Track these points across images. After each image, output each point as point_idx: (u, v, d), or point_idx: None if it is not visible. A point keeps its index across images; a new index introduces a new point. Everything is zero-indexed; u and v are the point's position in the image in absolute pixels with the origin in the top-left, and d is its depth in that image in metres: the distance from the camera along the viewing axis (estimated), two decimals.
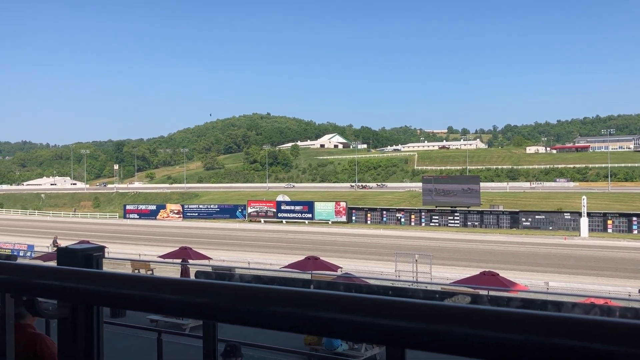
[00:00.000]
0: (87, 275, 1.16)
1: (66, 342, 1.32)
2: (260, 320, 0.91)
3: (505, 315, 0.73)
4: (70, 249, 1.36)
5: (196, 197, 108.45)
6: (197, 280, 1.02)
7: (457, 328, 0.74)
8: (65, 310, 1.27)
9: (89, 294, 1.15)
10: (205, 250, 32.93)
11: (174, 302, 1.02)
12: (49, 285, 1.18)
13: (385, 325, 0.80)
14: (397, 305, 0.80)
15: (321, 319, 0.85)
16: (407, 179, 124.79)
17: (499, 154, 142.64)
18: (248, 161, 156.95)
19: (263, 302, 0.91)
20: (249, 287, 0.95)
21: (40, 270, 1.22)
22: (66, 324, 1.30)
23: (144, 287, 1.06)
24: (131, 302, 1.09)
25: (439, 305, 0.78)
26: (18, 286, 1.23)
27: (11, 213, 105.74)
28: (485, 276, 19.29)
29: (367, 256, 43.38)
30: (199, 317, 1.08)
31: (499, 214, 66.48)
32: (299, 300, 0.88)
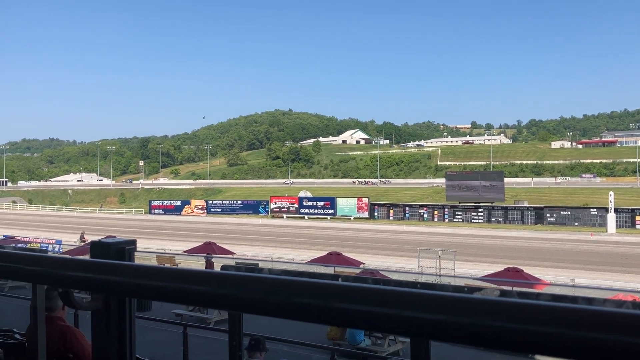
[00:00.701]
0: (119, 268, 1.18)
1: (99, 334, 1.35)
2: (285, 311, 0.92)
3: (532, 307, 0.72)
4: (103, 242, 1.39)
5: (220, 193, 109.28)
6: (227, 272, 1.03)
7: (483, 320, 0.74)
8: (98, 302, 1.31)
9: (122, 287, 1.16)
10: (228, 245, 33.21)
11: (204, 294, 1.03)
12: (84, 278, 1.20)
13: (411, 317, 0.80)
14: (423, 297, 0.81)
15: (346, 311, 0.86)
16: (430, 175, 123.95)
17: (524, 149, 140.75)
18: (270, 157, 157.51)
19: (288, 294, 0.92)
20: (276, 278, 0.96)
21: (75, 263, 1.23)
22: (99, 316, 1.34)
23: (174, 279, 1.07)
24: (162, 294, 1.10)
25: (465, 298, 0.78)
26: (54, 278, 1.26)
27: (40, 209, 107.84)
28: (510, 272, 19.12)
29: (389, 252, 43.26)
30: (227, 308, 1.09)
31: (523, 210, 65.67)
32: (324, 292, 0.89)
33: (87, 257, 1.44)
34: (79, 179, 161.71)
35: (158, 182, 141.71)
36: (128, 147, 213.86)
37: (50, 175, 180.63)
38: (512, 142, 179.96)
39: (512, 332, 0.72)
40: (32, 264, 1.32)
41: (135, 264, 1.21)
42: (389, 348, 13.91)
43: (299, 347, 11.41)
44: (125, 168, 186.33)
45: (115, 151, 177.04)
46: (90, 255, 1.40)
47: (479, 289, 1.64)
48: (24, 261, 1.31)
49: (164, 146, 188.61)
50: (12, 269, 1.38)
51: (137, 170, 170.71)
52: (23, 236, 45.99)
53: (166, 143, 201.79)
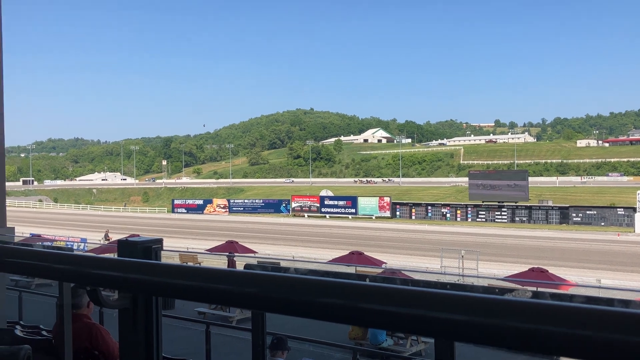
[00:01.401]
0: (147, 267, 1.19)
1: (126, 332, 1.36)
2: (308, 311, 0.93)
3: (561, 309, 0.71)
4: (130, 241, 1.40)
5: (241, 192, 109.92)
6: (252, 271, 1.03)
7: (509, 321, 0.73)
8: (125, 300, 1.31)
9: (149, 285, 1.17)
10: (250, 244, 33.37)
11: (229, 293, 1.04)
12: (112, 276, 1.21)
13: (436, 317, 0.80)
14: (448, 297, 0.80)
15: (370, 311, 0.86)
16: (453, 174, 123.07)
17: (548, 147, 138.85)
18: (292, 156, 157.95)
19: (312, 293, 0.92)
20: (300, 278, 0.96)
21: (103, 262, 1.23)
22: (127, 314, 1.34)
23: (201, 278, 1.07)
24: (189, 292, 1.11)
25: (491, 298, 0.77)
26: (82, 276, 1.27)
27: (65, 207, 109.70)
28: (534, 272, 18.85)
29: (411, 252, 43.04)
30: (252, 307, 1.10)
31: (548, 209, 64.78)
32: (348, 292, 0.89)
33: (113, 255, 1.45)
34: (103, 178, 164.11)
35: (181, 181, 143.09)
36: (151, 147, 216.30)
37: (75, 175, 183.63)
38: (536, 141, 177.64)
39: (539, 334, 0.71)
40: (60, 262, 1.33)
41: (162, 263, 1.19)
42: (411, 348, 13.82)
43: (321, 347, 11.41)
44: (149, 167, 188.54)
45: (138, 151, 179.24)
46: (118, 254, 1.40)
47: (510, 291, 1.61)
48: (53, 259, 1.32)
49: (187, 145, 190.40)
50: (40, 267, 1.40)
51: (160, 170, 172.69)
52: (49, 234, 46.83)
53: (189, 142, 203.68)
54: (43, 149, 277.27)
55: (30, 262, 1.42)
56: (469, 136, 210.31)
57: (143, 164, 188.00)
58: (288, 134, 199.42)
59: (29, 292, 16.10)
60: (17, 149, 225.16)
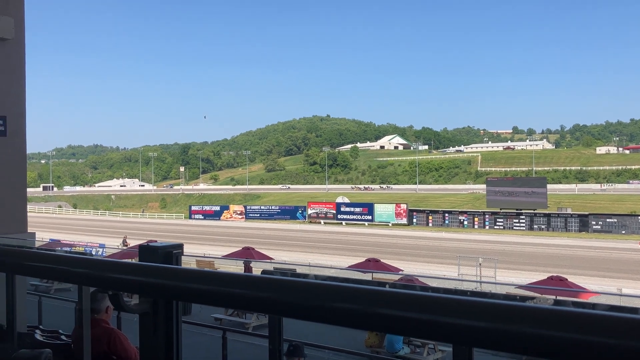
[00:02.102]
0: (168, 271, 1.20)
1: (147, 336, 1.37)
2: (331, 316, 0.93)
3: (582, 316, 0.71)
4: (151, 246, 1.41)
5: (258, 198, 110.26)
6: (272, 276, 1.03)
7: (531, 328, 0.73)
8: (146, 305, 1.32)
9: (170, 290, 1.18)
10: (266, 250, 33.40)
11: (249, 298, 1.04)
12: (133, 281, 1.22)
13: (454, 323, 0.80)
14: (467, 304, 0.80)
15: (388, 317, 0.86)
16: (470, 181, 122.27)
17: (567, 154, 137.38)
18: (308, 163, 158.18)
19: (332, 298, 0.92)
20: (319, 283, 0.97)
21: (124, 266, 1.24)
22: (147, 319, 1.35)
23: (221, 283, 1.08)
24: (209, 297, 1.12)
25: (509, 305, 0.77)
26: (104, 281, 1.28)
27: (84, 213, 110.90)
28: (554, 281, 18.60)
29: (428, 259, 42.77)
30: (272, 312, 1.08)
31: (567, 217, 63.99)
32: (366, 297, 0.89)
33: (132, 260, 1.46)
34: (121, 185, 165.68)
35: (198, 187, 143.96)
36: (169, 153, 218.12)
37: (94, 181, 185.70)
38: (555, 148, 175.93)
39: (559, 341, 0.70)
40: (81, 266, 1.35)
41: (183, 268, 1.20)
42: (428, 357, 13.71)
43: (338, 354, 11.37)
44: (167, 174, 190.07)
45: (156, 157, 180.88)
46: (139, 259, 1.41)
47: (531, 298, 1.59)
48: (74, 263, 1.33)
49: (204, 152, 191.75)
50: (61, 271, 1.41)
51: (178, 176, 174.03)
52: (68, 240, 47.34)
53: (206, 149, 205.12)
54: (63, 155, 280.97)
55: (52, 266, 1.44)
56: (486, 143, 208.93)
57: (161, 170, 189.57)
58: (304, 141, 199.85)
59: (48, 296, 16.27)
60: (38, 155, 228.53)
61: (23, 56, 6.30)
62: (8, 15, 5.96)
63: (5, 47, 6.05)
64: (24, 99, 6.35)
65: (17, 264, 1.66)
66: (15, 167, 6.23)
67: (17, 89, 6.22)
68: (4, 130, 6.02)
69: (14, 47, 6.13)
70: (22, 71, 6.29)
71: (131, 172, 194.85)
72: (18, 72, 6.23)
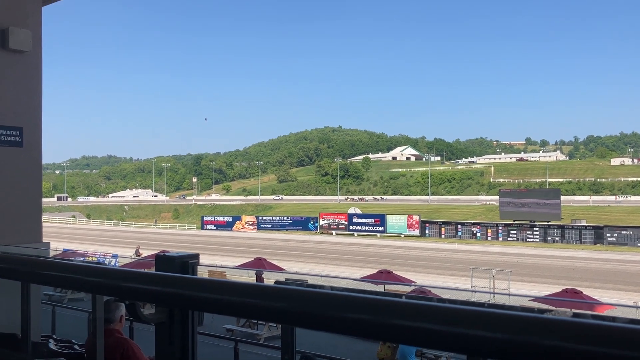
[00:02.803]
0: (185, 281, 1.20)
1: (163, 346, 1.37)
2: (340, 326, 0.94)
3: (599, 328, 0.70)
4: (168, 256, 1.42)
5: (270, 209, 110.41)
6: (289, 287, 1.04)
7: (547, 340, 0.72)
8: (162, 315, 1.33)
9: (186, 299, 1.18)
10: (278, 261, 33.38)
11: (264, 308, 1.05)
12: (150, 291, 1.22)
13: (467, 334, 0.80)
14: (482, 314, 0.80)
15: (400, 327, 0.86)
16: (483, 192, 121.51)
17: (581, 166, 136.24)
18: (320, 174, 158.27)
19: (343, 309, 0.93)
20: (337, 294, 0.97)
21: (142, 276, 1.25)
22: (163, 329, 1.36)
23: (236, 293, 1.09)
24: (225, 307, 1.13)
25: (523, 316, 0.77)
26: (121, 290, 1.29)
27: (97, 223, 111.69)
28: (568, 294, 18.38)
29: (441, 271, 42.50)
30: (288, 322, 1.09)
31: (581, 229, 63.35)
32: (379, 308, 0.90)
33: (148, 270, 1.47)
34: (134, 195, 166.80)
35: (210, 198, 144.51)
36: (182, 164, 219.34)
37: (107, 191, 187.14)
38: (568, 159, 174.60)
39: (575, 353, 0.70)
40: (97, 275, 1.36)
41: (200, 277, 1.21)
42: None
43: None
44: (179, 184, 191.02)
45: (169, 168, 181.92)
46: (156, 268, 1.43)
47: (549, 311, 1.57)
48: (92, 273, 1.35)
49: (217, 163, 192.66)
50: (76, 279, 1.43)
51: (191, 187, 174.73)
52: (81, 250, 47.66)
53: (218, 160, 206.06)
54: (77, 166, 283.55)
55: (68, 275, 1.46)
56: (499, 154, 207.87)
57: (174, 181, 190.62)
58: (316, 152, 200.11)
59: (61, 306, 16.37)
60: (53, 166, 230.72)
61: (40, 68, 6.40)
62: (26, 28, 6.07)
63: (23, 60, 6.15)
64: (40, 110, 6.44)
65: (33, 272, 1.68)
66: (31, 177, 6.30)
67: (33, 101, 6.31)
68: (20, 141, 6.11)
69: (31, 59, 6.23)
70: (38, 83, 6.39)
71: (144, 182, 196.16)
72: (35, 84, 6.33)
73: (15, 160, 6.07)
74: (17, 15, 6.09)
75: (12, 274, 1.86)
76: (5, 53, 5.98)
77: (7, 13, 6.02)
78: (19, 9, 6.15)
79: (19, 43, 5.99)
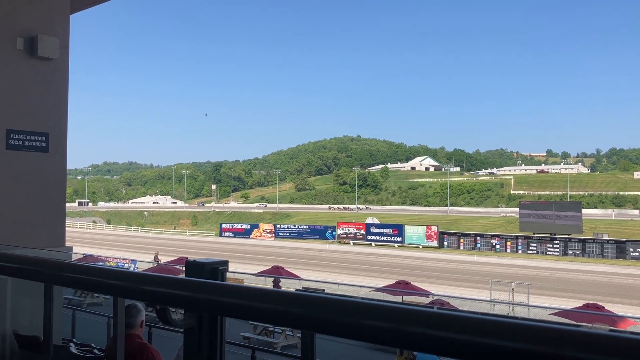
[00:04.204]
0: (214, 287, 1.22)
1: (191, 351, 1.39)
2: (358, 333, 0.95)
3: (625, 341, 0.70)
4: (197, 262, 1.44)
5: (288, 217, 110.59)
6: (314, 294, 1.06)
7: (565, 351, 0.73)
8: (192, 320, 1.34)
9: (215, 305, 1.20)
10: (295, 269, 33.39)
11: (294, 315, 1.07)
12: (180, 296, 1.24)
13: (485, 343, 0.80)
14: (502, 324, 0.80)
15: (421, 335, 0.87)
16: (503, 204, 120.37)
17: (603, 179, 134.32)
18: (338, 183, 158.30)
19: (362, 315, 0.95)
20: (362, 301, 0.99)
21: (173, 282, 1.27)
22: (192, 334, 1.37)
23: (265, 299, 1.11)
24: (253, 313, 1.15)
25: (545, 327, 0.77)
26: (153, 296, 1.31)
27: (117, 229, 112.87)
28: (590, 308, 18.09)
29: (459, 283, 42.10)
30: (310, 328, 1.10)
31: (603, 243, 62.33)
32: (396, 316, 0.91)
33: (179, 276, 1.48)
34: (154, 201, 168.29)
35: (229, 205, 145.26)
36: (201, 171, 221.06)
37: (128, 197, 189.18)
38: (590, 172, 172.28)
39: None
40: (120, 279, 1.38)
41: (230, 284, 1.22)
42: None
43: None
44: (198, 191, 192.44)
45: (189, 175, 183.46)
46: (185, 274, 1.44)
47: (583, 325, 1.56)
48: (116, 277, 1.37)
49: (235, 170, 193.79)
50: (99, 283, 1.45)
51: (210, 194, 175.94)
52: (101, 255, 48.18)
53: (237, 167, 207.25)
54: (99, 171, 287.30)
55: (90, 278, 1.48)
56: (519, 166, 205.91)
57: (193, 188, 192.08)
58: (335, 161, 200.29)
59: (81, 310, 16.54)
60: (75, 172, 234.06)
61: (66, 75, 6.52)
62: (55, 36, 6.19)
63: (51, 67, 6.27)
64: (66, 117, 6.56)
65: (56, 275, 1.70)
66: (56, 182, 6.40)
67: (59, 108, 6.42)
68: (46, 147, 6.21)
69: (59, 66, 6.35)
70: (65, 90, 6.50)
71: (164, 189, 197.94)
72: (61, 91, 6.44)
73: (41, 166, 6.18)
74: (45, 23, 6.22)
75: (37, 275, 1.88)
76: (34, 60, 6.10)
77: (36, 21, 6.15)
78: (48, 17, 6.28)
79: (47, 50, 6.12)
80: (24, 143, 6.02)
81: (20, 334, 4.66)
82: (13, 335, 4.70)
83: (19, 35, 6.00)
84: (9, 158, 5.90)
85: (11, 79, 5.99)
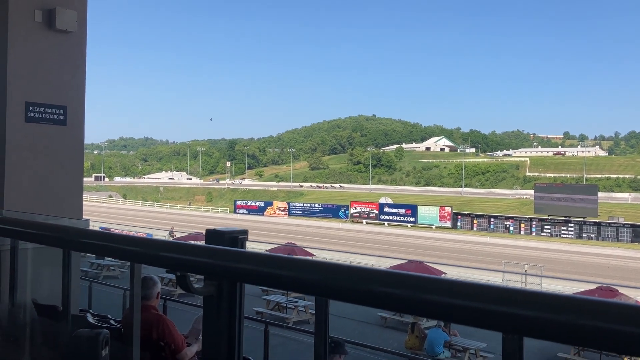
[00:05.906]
0: (234, 254, 1.23)
1: (211, 319, 1.40)
2: (374, 300, 0.98)
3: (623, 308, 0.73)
4: (218, 230, 1.45)
5: (301, 195, 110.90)
6: (330, 262, 1.09)
7: (579, 319, 0.74)
8: (211, 287, 1.36)
9: (235, 272, 1.22)
10: (308, 247, 33.53)
11: (307, 281, 1.10)
12: (201, 262, 1.25)
13: (505, 312, 0.82)
14: (518, 292, 0.83)
15: (436, 303, 0.89)
16: (518, 186, 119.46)
17: (621, 162, 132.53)
18: (352, 162, 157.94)
19: (375, 282, 0.97)
20: (373, 269, 1.03)
21: (194, 249, 1.28)
22: (211, 302, 1.38)
23: (283, 266, 1.13)
24: (272, 279, 1.18)
25: (562, 297, 0.79)
26: (174, 262, 1.32)
27: (133, 204, 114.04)
28: (603, 292, 18.00)
29: (472, 264, 42.06)
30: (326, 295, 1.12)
31: (618, 227, 61.79)
32: (413, 284, 0.93)
33: None
34: (170, 177, 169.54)
35: (243, 182, 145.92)
36: (217, 148, 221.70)
37: (143, 173, 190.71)
38: (608, 155, 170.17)
39: (603, 331, 0.72)
40: (140, 246, 1.39)
41: (247, 251, 1.24)
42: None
43: (378, 354, 11.35)
44: (213, 168, 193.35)
45: (204, 152, 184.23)
46: (206, 242, 1.45)
47: None
48: (149, 246, 1.38)
49: (250, 148, 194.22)
50: (119, 249, 1.47)
51: (224, 171, 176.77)
52: (117, 229, 48.79)
53: (252, 145, 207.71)
54: (115, 147, 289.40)
55: (110, 244, 1.50)
56: (535, 147, 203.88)
57: (208, 164, 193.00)
58: (349, 140, 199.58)
59: (98, 282, 16.82)
60: (91, 146, 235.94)
61: (84, 49, 6.53)
62: (73, 9, 6.19)
63: (69, 40, 6.28)
64: (84, 90, 6.58)
65: (75, 241, 1.72)
66: (74, 156, 6.46)
67: (77, 81, 6.45)
68: (64, 120, 6.26)
69: (76, 39, 6.36)
70: (82, 63, 6.52)
71: (179, 165, 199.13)
72: (79, 64, 6.46)
73: (59, 138, 6.23)
74: None
75: (56, 241, 1.91)
76: (52, 33, 6.11)
77: None
78: None
79: (65, 23, 6.12)
80: (42, 116, 6.06)
81: (39, 303, 4.76)
82: (32, 304, 4.80)
83: (37, 8, 6.00)
84: (28, 130, 5.96)
85: (30, 52, 6.01)
